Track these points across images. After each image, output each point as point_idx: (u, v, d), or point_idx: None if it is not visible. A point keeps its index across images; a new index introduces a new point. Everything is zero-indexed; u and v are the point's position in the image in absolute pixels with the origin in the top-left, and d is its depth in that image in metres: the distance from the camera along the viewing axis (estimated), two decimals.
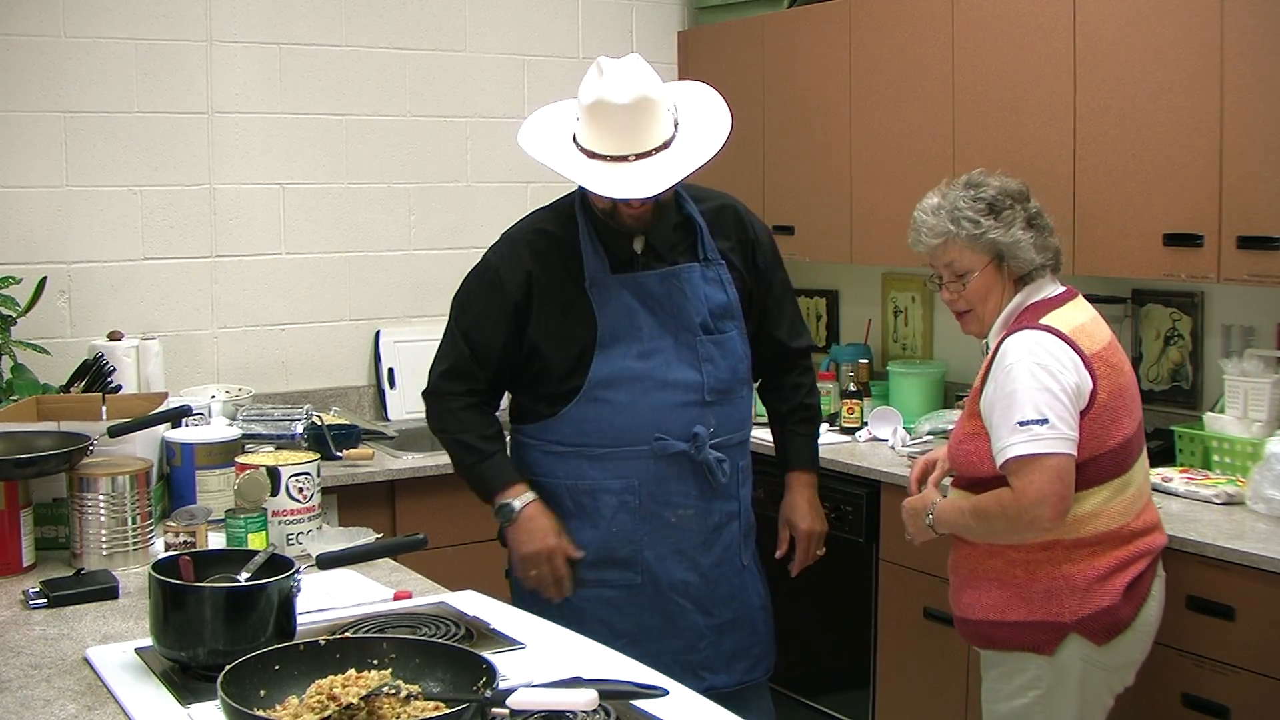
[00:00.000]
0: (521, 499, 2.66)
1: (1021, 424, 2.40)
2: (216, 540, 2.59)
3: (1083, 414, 2.44)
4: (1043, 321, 2.50)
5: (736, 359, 2.72)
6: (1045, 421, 2.39)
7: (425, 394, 2.79)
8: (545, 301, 2.66)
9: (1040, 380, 2.42)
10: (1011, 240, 2.54)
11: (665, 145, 2.52)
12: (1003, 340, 2.52)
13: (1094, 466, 2.47)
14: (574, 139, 2.58)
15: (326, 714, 1.59)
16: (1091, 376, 2.46)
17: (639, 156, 2.50)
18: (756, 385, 2.97)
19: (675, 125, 2.56)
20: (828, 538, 2.91)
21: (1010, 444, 2.42)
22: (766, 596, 2.87)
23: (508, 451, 2.77)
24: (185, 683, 1.92)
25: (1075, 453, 2.43)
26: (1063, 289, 2.60)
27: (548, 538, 2.64)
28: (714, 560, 2.73)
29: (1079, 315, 2.55)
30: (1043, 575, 2.50)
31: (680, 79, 4.90)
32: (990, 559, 2.56)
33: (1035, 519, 2.42)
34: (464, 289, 2.77)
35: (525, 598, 2.69)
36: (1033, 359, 2.44)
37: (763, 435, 3.07)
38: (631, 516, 2.67)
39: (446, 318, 2.78)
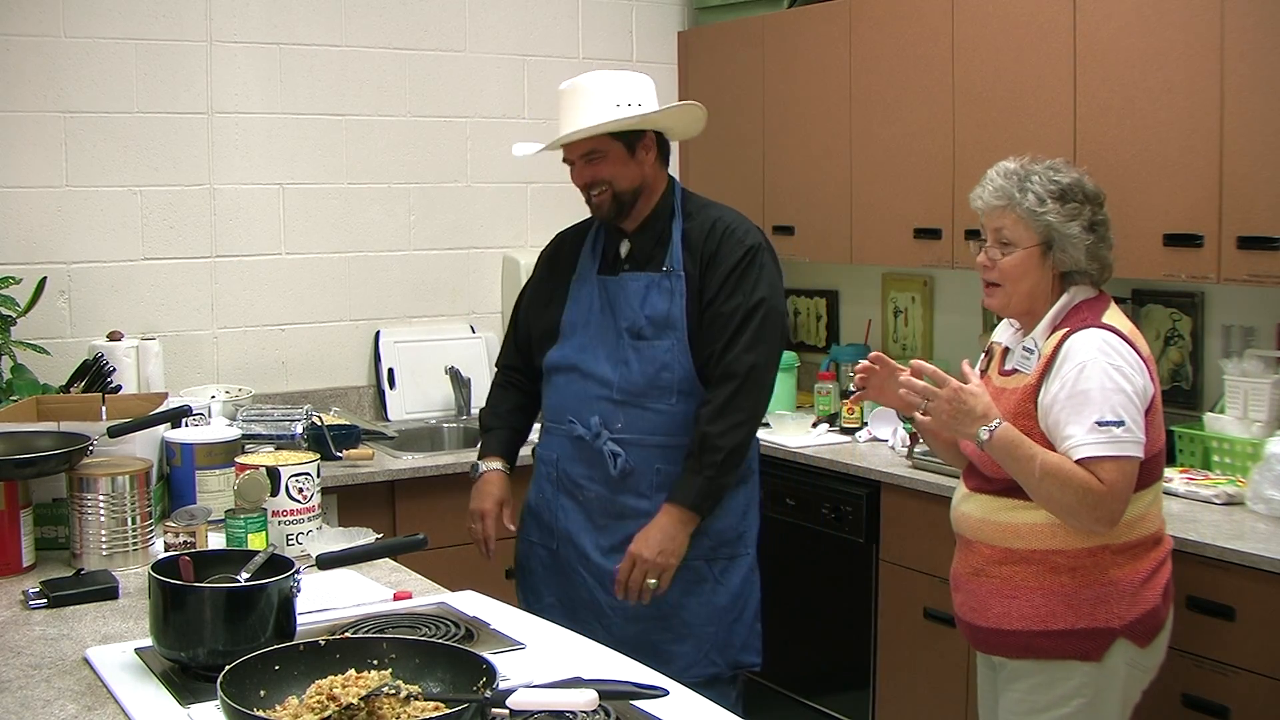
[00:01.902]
0: (488, 465, 2.99)
1: (1100, 424, 2.38)
2: (216, 540, 2.59)
3: (1144, 416, 2.44)
4: (1105, 321, 2.48)
5: (657, 367, 2.80)
6: (1122, 424, 2.38)
7: None
8: (541, 291, 3.00)
9: (1115, 381, 2.40)
10: (1065, 233, 2.50)
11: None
12: (1066, 337, 2.47)
13: (1145, 469, 2.46)
14: None
15: (326, 714, 1.59)
16: (1151, 380, 2.46)
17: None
18: None
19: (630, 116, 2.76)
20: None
21: (1087, 442, 2.38)
22: (715, 603, 2.84)
23: (520, 431, 3.08)
24: (185, 683, 1.92)
25: (1142, 457, 2.43)
26: (1096, 293, 2.57)
27: (484, 501, 2.95)
28: (613, 544, 2.84)
29: (1123, 319, 2.52)
30: (1092, 581, 2.47)
31: (680, 79, 4.91)
32: (1029, 565, 2.50)
33: (1107, 515, 2.40)
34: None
35: (524, 578, 3.02)
36: (1105, 359, 2.41)
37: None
38: (552, 486, 2.94)
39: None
